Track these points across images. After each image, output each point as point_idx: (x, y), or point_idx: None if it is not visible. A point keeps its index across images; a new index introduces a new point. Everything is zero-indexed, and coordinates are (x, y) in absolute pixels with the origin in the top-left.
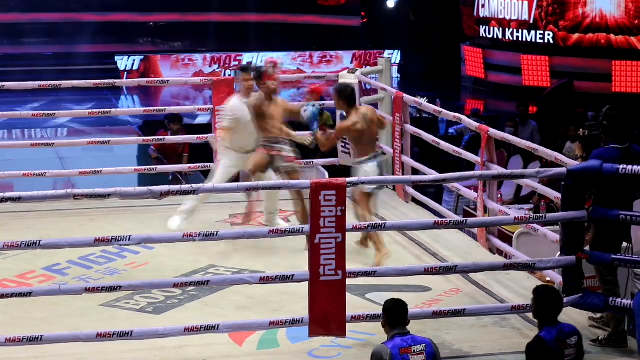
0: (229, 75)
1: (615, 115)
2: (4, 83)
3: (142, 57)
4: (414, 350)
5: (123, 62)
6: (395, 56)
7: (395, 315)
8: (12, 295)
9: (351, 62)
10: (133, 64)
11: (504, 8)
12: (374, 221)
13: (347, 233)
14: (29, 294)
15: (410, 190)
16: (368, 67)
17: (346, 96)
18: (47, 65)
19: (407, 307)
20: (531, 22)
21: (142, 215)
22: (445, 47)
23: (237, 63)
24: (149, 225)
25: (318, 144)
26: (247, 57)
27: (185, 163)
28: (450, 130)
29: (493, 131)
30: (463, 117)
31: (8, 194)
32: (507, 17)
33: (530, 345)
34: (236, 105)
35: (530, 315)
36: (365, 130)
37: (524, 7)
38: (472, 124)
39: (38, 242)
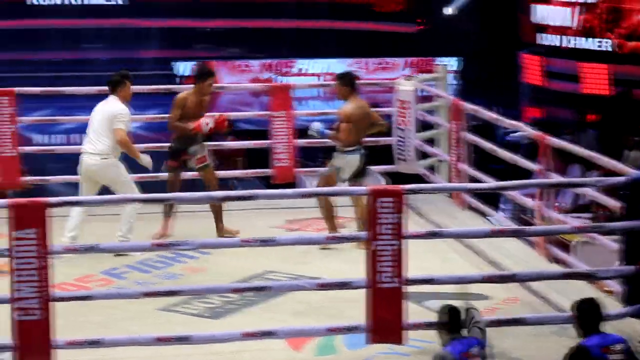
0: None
1: None
2: (64, 88)
3: (194, 63)
4: (472, 353)
5: (180, 68)
6: (454, 63)
7: (451, 322)
8: (72, 298)
9: (407, 69)
10: (184, 70)
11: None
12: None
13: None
14: (88, 298)
15: (468, 198)
16: (425, 74)
17: (348, 80)
18: (105, 70)
19: (460, 313)
20: (579, 29)
21: (200, 220)
22: (504, 54)
23: (288, 70)
24: (207, 231)
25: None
26: (299, 64)
27: (240, 168)
28: (508, 138)
29: (551, 139)
30: (521, 124)
31: (68, 198)
32: (553, 24)
33: (570, 351)
34: None
35: None
36: (358, 121)
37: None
38: (531, 131)
39: (97, 246)
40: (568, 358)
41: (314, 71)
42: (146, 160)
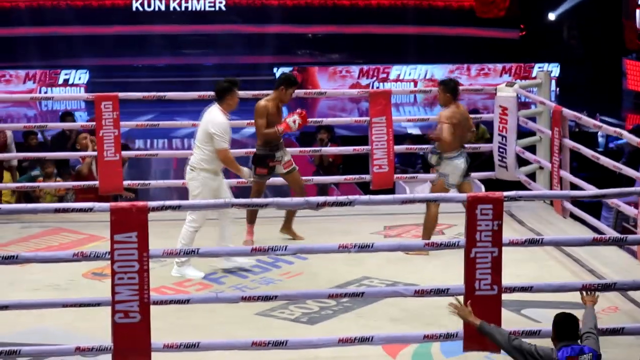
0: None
1: None
2: (166, 93)
3: (290, 68)
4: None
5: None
6: (555, 69)
7: (565, 329)
8: (171, 302)
9: (506, 75)
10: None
11: None
12: None
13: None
14: (187, 302)
15: (568, 205)
16: (526, 80)
17: (451, 88)
18: (206, 75)
19: (577, 320)
20: None
21: (297, 226)
22: (607, 60)
23: (385, 75)
24: (304, 236)
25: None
26: (395, 70)
27: (338, 174)
28: (611, 145)
29: None
30: (624, 132)
31: (168, 202)
32: None
33: None
34: None
35: None
36: (458, 125)
37: None
38: (633, 139)
39: (196, 251)
40: None
41: (410, 77)
42: (246, 172)
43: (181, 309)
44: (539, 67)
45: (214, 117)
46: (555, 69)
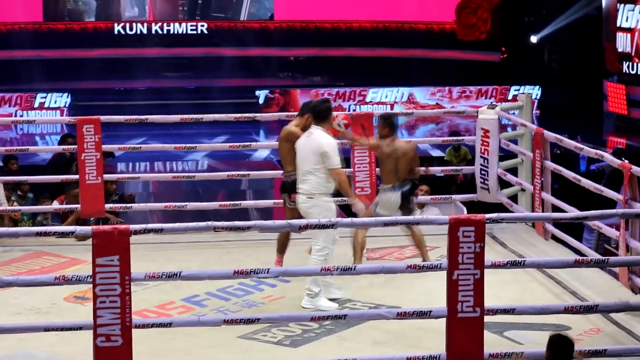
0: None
1: None
2: (147, 116)
3: (267, 91)
4: None
5: (262, 96)
6: (536, 92)
7: (561, 351)
8: (153, 325)
9: (485, 98)
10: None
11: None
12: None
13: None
14: (169, 325)
15: (550, 227)
16: (508, 102)
17: (390, 123)
18: (187, 99)
19: (573, 344)
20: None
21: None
22: (587, 83)
23: (361, 98)
24: (286, 259)
25: None
26: (372, 92)
27: None
28: (592, 167)
29: (636, 169)
30: (605, 153)
31: (150, 225)
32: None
33: None
34: None
35: None
36: (386, 160)
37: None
38: (614, 161)
39: (178, 274)
40: None
41: (387, 99)
42: (359, 206)
43: (163, 332)
44: (516, 90)
45: (323, 138)
46: (536, 92)
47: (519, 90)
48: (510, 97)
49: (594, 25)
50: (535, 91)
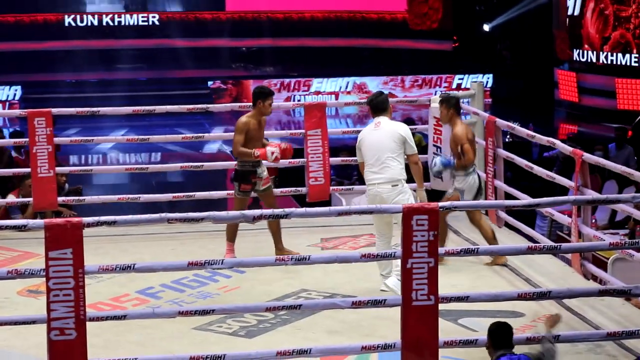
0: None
1: None
2: (99, 108)
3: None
4: None
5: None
6: (487, 80)
7: (500, 338)
8: (107, 318)
9: (443, 87)
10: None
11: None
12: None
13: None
14: (123, 317)
15: (503, 215)
16: (460, 91)
17: (453, 105)
18: (141, 90)
19: (512, 329)
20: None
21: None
22: (538, 71)
23: (306, 88)
24: (240, 250)
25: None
26: (317, 82)
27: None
28: (545, 154)
29: (587, 155)
30: (557, 141)
31: (103, 218)
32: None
33: None
34: None
35: (625, 342)
36: (473, 140)
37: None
38: (566, 148)
39: (132, 266)
40: None
41: (331, 90)
42: (423, 195)
43: (118, 324)
44: (467, 78)
45: (397, 125)
46: (488, 80)
47: (470, 78)
48: (462, 86)
49: (545, 14)
50: (487, 80)
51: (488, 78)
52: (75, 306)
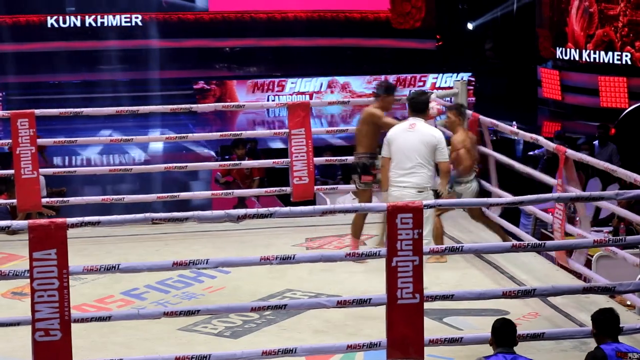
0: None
1: None
2: (83, 109)
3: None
4: None
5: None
6: (471, 79)
7: (503, 335)
8: (92, 319)
9: (426, 85)
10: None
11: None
12: None
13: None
14: (108, 318)
15: (487, 212)
16: (443, 90)
17: (461, 113)
18: (124, 91)
19: (515, 327)
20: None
21: (218, 239)
22: (522, 69)
23: (280, 89)
24: (225, 250)
25: None
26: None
27: (256, 187)
28: (530, 153)
29: (571, 152)
30: (540, 137)
31: (87, 218)
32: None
33: (589, 355)
34: None
35: None
36: (472, 147)
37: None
38: (550, 144)
39: (117, 267)
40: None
41: (305, 90)
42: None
43: (103, 326)
44: (451, 77)
45: (433, 130)
46: (472, 79)
47: (454, 77)
48: (446, 85)
49: (528, 12)
50: (471, 78)
51: (472, 77)
52: (60, 307)
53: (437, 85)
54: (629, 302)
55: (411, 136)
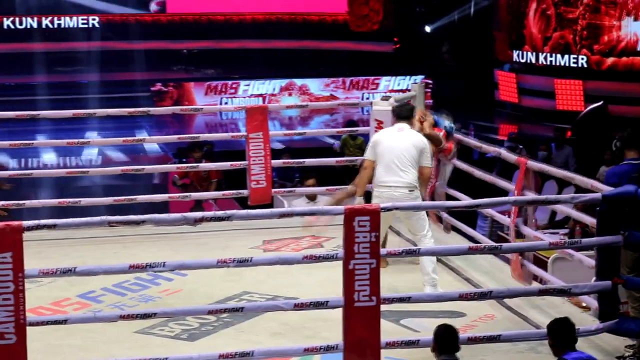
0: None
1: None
2: (39, 112)
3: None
4: None
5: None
6: (428, 81)
7: (445, 342)
8: (48, 322)
9: (384, 88)
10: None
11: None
12: None
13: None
14: (64, 322)
15: (444, 215)
16: (401, 93)
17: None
18: (82, 93)
19: (457, 333)
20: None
21: (175, 242)
22: (479, 72)
23: (233, 91)
24: (182, 252)
25: None
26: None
27: (214, 190)
28: (487, 155)
29: (531, 163)
30: (502, 150)
31: (43, 221)
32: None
33: None
34: None
35: None
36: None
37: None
38: (511, 157)
39: (73, 269)
40: None
41: (258, 92)
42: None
43: (59, 329)
44: (408, 80)
45: (420, 135)
46: (429, 82)
47: (407, 80)
48: (399, 87)
49: (485, 15)
50: (427, 81)
51: (429, 79)
52: (15, 310)
53: (390, 88)
54: (584, 304)
55: (401, 137)
